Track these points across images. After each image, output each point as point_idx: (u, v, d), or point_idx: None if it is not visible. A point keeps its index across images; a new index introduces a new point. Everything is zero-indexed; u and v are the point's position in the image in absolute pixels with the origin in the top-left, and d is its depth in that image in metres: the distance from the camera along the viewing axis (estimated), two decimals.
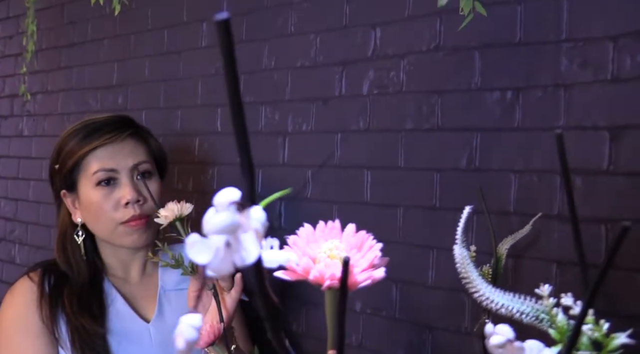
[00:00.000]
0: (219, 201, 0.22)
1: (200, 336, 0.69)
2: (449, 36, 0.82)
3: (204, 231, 0.23)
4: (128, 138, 0.91)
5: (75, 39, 1.43)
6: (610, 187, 0.70)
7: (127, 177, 0.89)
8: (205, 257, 0.21)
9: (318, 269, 0.33)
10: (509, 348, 0.27)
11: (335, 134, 0.95)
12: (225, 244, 0.21)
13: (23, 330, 0.84)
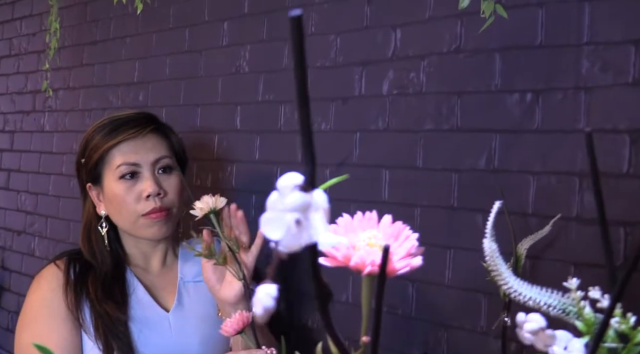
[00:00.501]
0: (283, 184, 0.23)
1: (228, 324, 0.71)
2: (469, 38, 0.83)
3: (267, 211, 0.24)
4: (150, 134, 0.94)
5: (98, 37, 1.46)
6: (630, 190, 0.70)
7: (149, 171, 0.92)
8: (278, 233, 0.23)
9: (359, 256, 0.34)
10: (541, 335, 0.28)
11: (354, 134, 0.96)
12: (296, 222, 0.23)
13: (48, 314, 0.87)
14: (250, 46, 1.12)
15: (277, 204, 0.23)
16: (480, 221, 0.83)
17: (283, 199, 0.23)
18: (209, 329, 0.93)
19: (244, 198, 1.12)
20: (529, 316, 0.30)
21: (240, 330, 0.73)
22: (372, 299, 0.37)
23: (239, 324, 0.73)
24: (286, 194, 0.23)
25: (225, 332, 0.73)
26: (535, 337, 0.28)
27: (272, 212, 0.23)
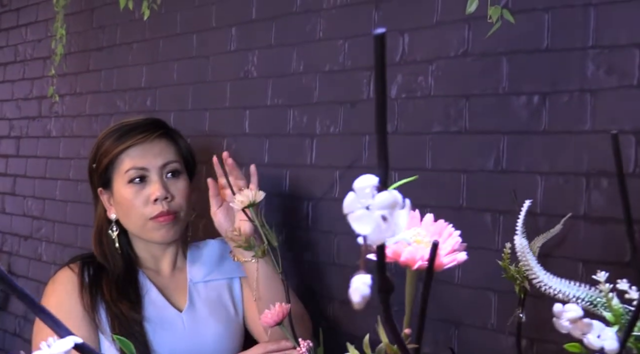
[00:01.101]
0: (359, 185, 0.25)
1: (269, 315, 0.73)
2: (477, 42, 0.85)
3: (346, 210, 0.26)
4: (158, 138, 0.96)
5: (105, 43, 1.47)
6: (637, 189, 0.72)
7: (157, 175, 0.94)
8: (368, 228, 0.24)
9: (409, 252, 0.36)
10: (579, 324, 0.30)
11: (363, 136, 0.98)
12: (383, 218, 0.24)
13: (66, 317, 0.88)
14: (259, 51, 1.14)
15: (355, 204, 0.25)
16: (488, 220, 0.85)
17: (363, 199, 0.25)
18: (223, 327, 0.95)
19: None
20: (567, 306, 0.32)
21: (280, 321, 0.76)
22: (415, 293, 0.39)
23: (278, 316, 0.75)
24: (362, 195, 0.25)
25: (264, 323, 0.76)
26: (573, 325, 0.30)
27: (361, 210, 0.24)
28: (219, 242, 1.06)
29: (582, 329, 0.30)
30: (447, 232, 0.38)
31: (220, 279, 1.00)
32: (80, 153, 1.52)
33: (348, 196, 0.26)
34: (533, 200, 0.80)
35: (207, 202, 1.14)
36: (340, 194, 1.01)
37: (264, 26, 1.13)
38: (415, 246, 0.36)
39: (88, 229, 1.48)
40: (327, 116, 1.03)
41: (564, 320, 0.30)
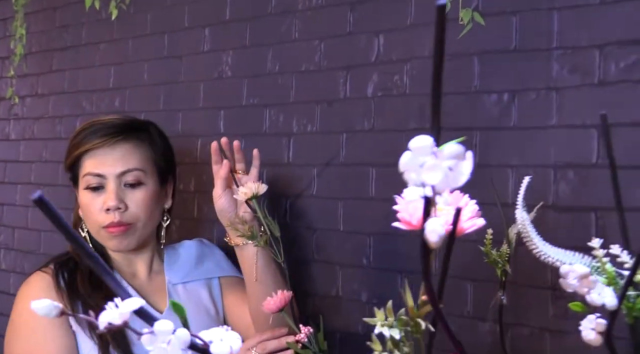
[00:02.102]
0: (416, 145, 0.28)
1: (271, 302, 0.75)
2: (450, 43, 0.90)
3: (402, 167, 0.28)
4: (120, 143, 0.93)
5: (69, 43, 1.45)
6: (599, 178, 0.78)
7: (114, 183, 0.91)
8: (437, 177, 0.27)
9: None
10: (585, 281, 0.34)
11: (341, 134, 1.01)
12: (449, 168, 0.27)
13: (40, 324, 0.87)
14: (233, 52, 1.16)
15: (411, 162, 0.27)
16: None
17: (421, 157, 0.27)
18: (205, 326, 0.95)
19: None
20: (574, 266, 0.35)
21: (282, 308, 0.78)
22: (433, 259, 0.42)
23: (281, 302, 0.77)
24: (419, 154, 0.27)
25: (267, 309, 0.78)
26: (580, 283, 0.33)
27: (432, 161, 0.27)
28: (196, 243, 1.06)
29: (587, 286, 0.34)
30: (465, 200, 0.41)
31: (199, 280, 1.01)
32: (42, 156, 1.48)
33: (404, 155, 0.28)
34: (505, 192, 0.85)
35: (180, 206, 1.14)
36: (318, 191, 1.03)
37: (238, 27, 1.15)
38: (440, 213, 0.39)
39: (52, 235, 1.44)
40: (304, 115, 1.05)
41: (572, 278, 0.34)
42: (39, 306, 0.28)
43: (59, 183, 1.44)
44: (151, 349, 0.25)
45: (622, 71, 0.78)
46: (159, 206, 0.96)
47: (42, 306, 0.27)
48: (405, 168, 0.28)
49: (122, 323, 0.25)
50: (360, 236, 0.98)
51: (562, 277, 0.35)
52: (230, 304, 1.00)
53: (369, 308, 0.98)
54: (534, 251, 0.43)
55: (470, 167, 0.27)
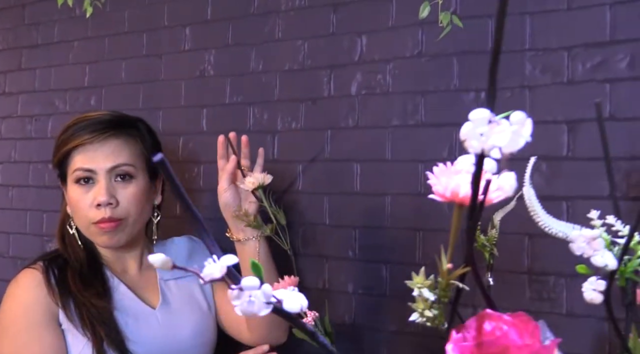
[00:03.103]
0: (475, 117, 0.32)
1: (279, 287, 0.78)
2: (430, 44, 0.97)
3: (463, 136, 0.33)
4: (112, 138, 0.93)
5: (40, 41, 1.44)
6: (569, 170, 0.86)
7: (104, 179, 0.92)
8: (505, 139, 0.31)
9: (466, 190, 0.43)
10: (593, 243, 0.39)
11: (325, 131, 1.06)
12: (514, 133, 0.31)
13: (29, 323, 0.87)
14: (215, 51, 1.19)
15: (472, 131, 0.32)
16: (445, 205, 0.96)
17: (480, 127, 0.32)
18: (198, 321, 0.98)
19: (214, 197, 1.17)
20: (583, 230, 0.41)
21: None
22: (460, 228, 0.47)
23: (285, 287, 0.81)
24: (478, 124, 0.32)
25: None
26: (589, 245, 0.39)
27: (504, 125, 0.31)
28: (186, 240, 1.08)
29: (595, 248, 0.39)
30: (488, 175, 0.46)
31: (191, 276, 1.02)
32: (11, 156, 1.46)
33: (465, 125, 0.33)
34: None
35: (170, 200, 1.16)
36: (304, 187, 1.08)
37: (220, 26, 1.18)
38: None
39: (22, 238, 1.42)
40: (288, 112, 1.10)
41: (581, 242, 0.39)
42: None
43: (28, 184, 1.43)
44: (238, 304, 0.29)
45: (588, 71, 0.86)
46: (149, 202, 0.98)
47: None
48: (466, 137, 0.33)
49: (222, 277, 0.28)
50: (345, 230, 1.03)
51: (572, 242, 0.40)
52: (222, 301, 1.02)
53: (355, 298, 1.03)
54: (539, 223, 0.49)
55: (529, 131, 0.31)
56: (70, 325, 0.88)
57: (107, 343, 0.86)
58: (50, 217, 1.39)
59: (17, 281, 0.91)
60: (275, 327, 0.98)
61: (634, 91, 0.83)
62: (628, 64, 0.85)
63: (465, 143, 0.33)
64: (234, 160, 0.94)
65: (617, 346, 0.84)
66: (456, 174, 0.43)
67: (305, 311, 0.82)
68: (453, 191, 0.44)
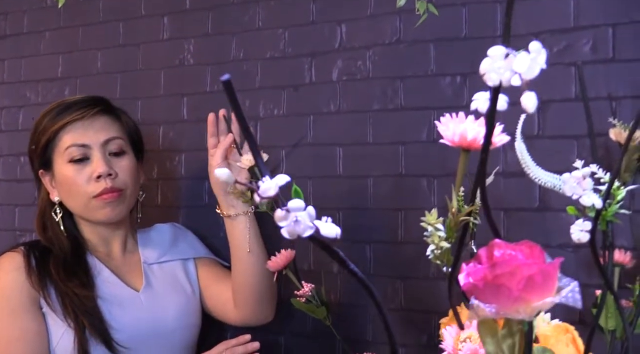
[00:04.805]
0: (493, 53, 0.37)
1: (273, 259, 0.83)
2: (407, 31, 1.04)
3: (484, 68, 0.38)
4: (99, 114, 0.99)
5: (8, 31, 1.44)
6: (540, 147, 0.95)
7: (99, 152, 0.96)
8: (524, 67, 0.35)
9: (474, 135, 0.49)
10: (584, 182, 0.45)
11: (308, 117, 1.12)
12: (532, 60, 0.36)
13: (8, 308, 0.89)
14: (195, 40, 1.23)
15: (491, 66, 0.37)
16: (425, 184, 1.04)
17: (498, 62, 0.37)
18: (182, 304, 1.02)
19: (196, 185, 1.22)
20: (574, 172, 0.47)
21: (285, 265, 0.87)
22: (464, 172, 0.53)
23: (283, 260, 0.86)
24: (496, 59, 0.37)
25: (272, 268, 0.88)
26: (579, 184, 0.45)
27: (523, 54, 0.36)
28: (169, 226, 1.12)
29: (585, 187, 0.45)
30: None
31: (175, 260, 1.06)
32: None
33: (484, 61, 0.38)
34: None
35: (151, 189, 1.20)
36: (287, 171, 1.13)
37: (199, 16, 1.23)
38: (478, 131, 0.51)
39: None
40: (270, 99, 1.15)
41: (573, 181, 0.45)
42: None
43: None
44: (284, 225, 0.34)
45: (555, 55, 0.95)
46: (138, 179, 1.02)
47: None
48: (485, 71, 0.38)
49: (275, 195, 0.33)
50: (329, 212, 1.09)
51: (563, 181, 0.47)
52: (208, 282, 1.07)
53: (340, 277, 1.09)
54: (530, 175, 0.57)
55: (544, 59, 0.36)
56: (50, 310, 0.90)
57: (90, 331, 0.89)
58: (23, 211, 1.40)
59: None
60: (265, 304, 1.03)
61: (596, 73, 0.93)
62: (591, 47, 0.94)
63: (484, 77, 0.38)
64: (231, 137, 0.99)
65: (588, 312, 0.94)
66: (462, 122, 0.50)
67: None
68: (461, 135, 0.50)
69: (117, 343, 0.90)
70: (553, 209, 0.95)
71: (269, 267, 0.90)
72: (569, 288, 0.36)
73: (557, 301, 0.36)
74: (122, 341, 0.91)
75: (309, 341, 1.12)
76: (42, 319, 0.90)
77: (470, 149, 0.55)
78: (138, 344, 0.93)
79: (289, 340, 1.14)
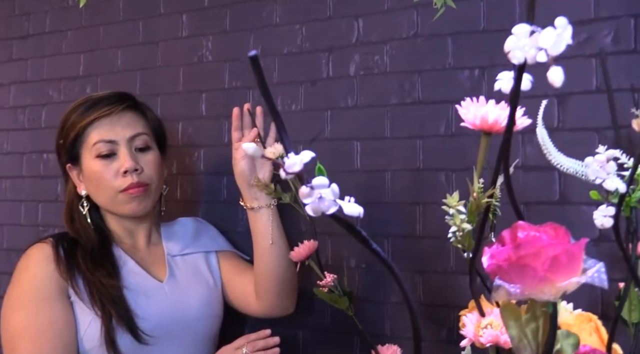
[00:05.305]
0: (518, 30, 0.36)
1: (296, 250, 0.84)
2: (425, 25, 1.04)
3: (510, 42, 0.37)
4: (125, 110, 1.00)
5: (31, 31, 1.47)
6: (560, 140, 0.93)
7: (126, 148, 0.98)
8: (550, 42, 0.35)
9: (495, 116, 0.48)
10: (607, 166, 0.45)
11: (325, 112, 1.12)
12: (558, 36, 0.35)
13: (38, 296, 0.91)
14: (213, 37, 1.24)
15: (515, 44, 0.37)
16: (442, 178, 1.03)
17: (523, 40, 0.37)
18: (205, 295, 1.03)
19: (215, 181, 1.23)
20: (597, 156, 0.46)
21: (308, 256, 0.88)
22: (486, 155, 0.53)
23: (306, 251, 0.87)
24: (521, 36, 0.37)
25: (295, 258, 0.88)
26: (602, 167, 0.44)
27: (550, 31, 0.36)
28: (192, 220, 1.13)
29: (608, 170, 0.45)
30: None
31: (197, 253, 1.08)
32: (3, 148, 1.49)
33: (509, 39, 0.37)
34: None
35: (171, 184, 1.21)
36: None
37: (216, 13, 1.24)
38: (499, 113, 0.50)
39: (16, 229, 1.45)
40: (288, 95, 1.15)
41: (596, 165, 0.45)
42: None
43: (22, 175, 1.46)
44: (309, 201, 0.34)
45: (575, 47, 0.94)
46: (163, 173, 1.03)
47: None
48: (510, 48, 0.37)
49: (299, 171, 0.33)
50: None
51: (586, 166, 0.46)
52: (230, 275, 1.08)
53: (358, 272, 1.09)
54: (552, 161, 0.56)
55: (570, 34, 0.36)
56: (77, 298, 0.92)
57: (117, 320, 0.90)
58: (46, 207, 1.42)
59: (28, 255, 0.95)
60: (286, 296, 1.03)
61: (618, 64, 0.91)
62: (612, 39, 0.92)
63: (509, 55, 0.38)
64: (255, 130, 1.01)
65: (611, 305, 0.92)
66: (483, 106, 0.49)
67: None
68: (482, 117, 0.50)
69: (142, 332, 0.91)
70: (573, 203, 0.93)
71: (292, 257, 0.90)
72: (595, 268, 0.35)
73: (583, 281, 0.35)
74: (147, 330, 0.92)
75: (327, 335, 1.12)
76: (71, 308, 0.92)
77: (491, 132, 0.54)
78: (162, 333, 0.94)
79: (307, 335, 1.14)
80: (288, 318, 1.08)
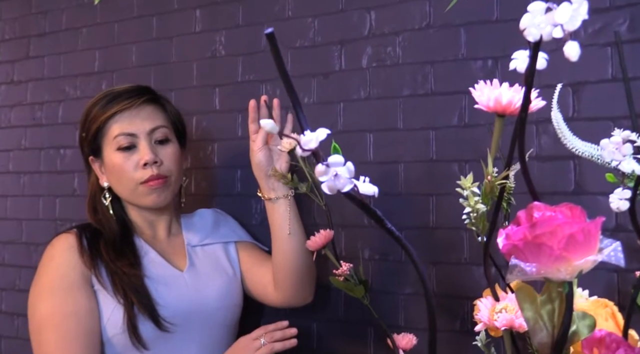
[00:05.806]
0: (533, 8, 0.36)
1: (312, 239, 0.84)
2: (437, 16, 1.03)
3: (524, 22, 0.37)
4: (145, 104, 1.01)
5: (47, 29, 1.49)
6: (576, 131, 0.92)
7: (145, 140, 0.99)
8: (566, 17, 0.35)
9: (508, 98, 0.48)
10: (622, 148, 0.44)
11: (338, 104, 1.12)
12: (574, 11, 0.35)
13: (63, 285, 0.92)
14: (226, 31, 1.24)
15: (531, 21, 0.37)
16: (456, 169, 1.02)
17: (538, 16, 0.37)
18: (224, 284, 1.04)
19: (229, 174, 1.23)
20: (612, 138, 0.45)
21: (324, 245, 0.88)
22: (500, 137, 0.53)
23: (322, 240, 0.87)
24: (537, 14, 0.37)
25: (312, 247, 0.89)
26: (618, 149, 0.44)
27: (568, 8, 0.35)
28: (211, 211, 1.14)
29: (624, 152, 0.44)
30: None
31: (217, 243, 1.09)
32: (21, 144, 1.51)
33: (524, 17, 0.37)
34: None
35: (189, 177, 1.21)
36: None
37: (229, 8, 1.24)
38: (513, 96, 0.50)
39: (35, 224, 1.47)
40: (300, 88, 1.15)
41: (612, 147, 0.44)
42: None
43: (40, 170, 1.48)
44: (325, 179, 0.34)
45: (590, 36, 0.93)
46: (182, 165, 1.05)
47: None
48: (525, 26, 0.37)
49: (315, 149, 0.34)
50: None
51: (602, 147, 0.46)
52: (249, 265, 1.08)
53: (372, 264, 1.09)
54: (567, 145, 0.55)
55: (586, 9, 0.36)
56: (101, 287, 0.93)
57: (138, 307, 0.91)
58: (63, 202, 1.44)
59: (53, 245, 0.97)
60: (304, 286, 1.04)
61: (633, 52, 0.90)
62: (627, 27, 0.91)
63: (524, 33, 0.38)
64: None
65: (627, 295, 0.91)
66: (497, 88, 0.49)
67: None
68: (496, 99, 0.50)
69: (163, 319, 0.93)
70: (589, 193, 0.92)
71: (309, 246, 0.90)
72: (612, 247, 0.35)
73: (600, 259, 0.35)
74: (168, 317, 0.93)
75: (341, 326, 1.12)
76: (94, 296, 0.93)
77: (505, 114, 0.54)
78: (183, 321, 0.95)
79: (321, 326, 1.14)
80: (303, 309, 1.09)
